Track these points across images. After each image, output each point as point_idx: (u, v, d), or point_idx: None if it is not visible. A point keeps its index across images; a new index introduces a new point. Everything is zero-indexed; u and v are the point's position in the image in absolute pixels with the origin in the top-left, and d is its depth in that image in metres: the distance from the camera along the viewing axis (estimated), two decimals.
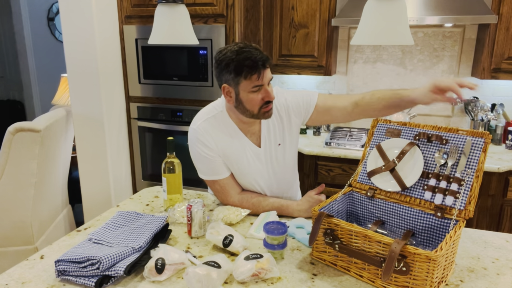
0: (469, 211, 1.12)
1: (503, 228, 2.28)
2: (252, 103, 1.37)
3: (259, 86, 1.34)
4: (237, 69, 1.32)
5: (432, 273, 0.97)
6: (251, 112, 1.39)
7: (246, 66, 1.30)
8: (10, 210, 2.27)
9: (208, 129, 1.46)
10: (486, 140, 1.15)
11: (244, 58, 1.30)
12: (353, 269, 1.12)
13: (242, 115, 1.43)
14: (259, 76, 1.32)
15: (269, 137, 1.51)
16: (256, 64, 1.30)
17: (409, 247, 0.99)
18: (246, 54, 1.31)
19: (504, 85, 2.63)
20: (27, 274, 1.13)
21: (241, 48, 1.33)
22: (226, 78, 1.36)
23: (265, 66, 1.33)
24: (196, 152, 1.48)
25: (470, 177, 1.14)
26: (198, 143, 1.46)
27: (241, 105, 1.39)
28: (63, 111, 2.59)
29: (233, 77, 1.34)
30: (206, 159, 1.48)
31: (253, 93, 1.35)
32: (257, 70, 1.31)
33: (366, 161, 1.35)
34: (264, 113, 1.40)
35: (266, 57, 1.33)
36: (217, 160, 1.48)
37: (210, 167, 1.50)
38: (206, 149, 1.46)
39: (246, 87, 1.34)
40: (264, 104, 1.38)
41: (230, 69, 1.33)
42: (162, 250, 1.15)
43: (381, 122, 1.37)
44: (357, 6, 2.44)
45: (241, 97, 1.37)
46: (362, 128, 2.90)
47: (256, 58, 1.30)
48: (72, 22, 2.43)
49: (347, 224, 1.10)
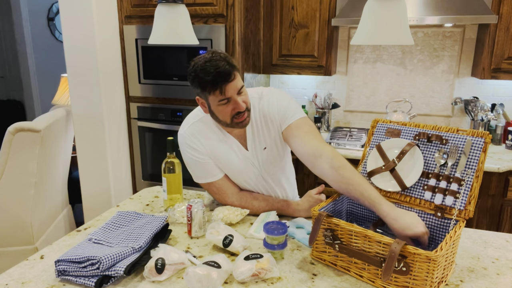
0: (469, 211, 1.12)
1: (503, 228, 2.28)
2: (223, 115, 1.35)
3: (226, 99, 1.31)
4: (201, 85, 1.30)
5: (432, 273, 0.97)
6: (224, 122, 1.38)
7: (207, 82, 1.28)
8: (10, 210, 2.27)
9: (195, 132, 1.45)
10: (486, 140, 1.15)
11: (205, 74, 1.27)
12: (353, 269, 1.12)
13: (219, 123, 1.42)
14: (221, 92, 1.29)
15: (254, 140, 1.48)
16: (216, 81, 1.27)
17: (409, 247, 0.99)
18: (209, 69, 1.27)
19: (504, 85, 2.63)
20: (27, 274, 1.13)
21: (205, 61, 1.28)
22: (197, 92, 1.36)
23: (227, 80, 1.28)
24: (187, 157, 1.48)
25: (470, 177, 1.14)
26: (187, 148, 1.46)
27: (214, 115, 1.38)
28: (63, 111, 2.59)
29: (200, 92, 1.34)
30: (198, 163, 1.47)
31: (222, 105, 1.33)
32: (218, 86, 1.28)
33: (366, 161, 1.35)
34: (238, 123, 1.37)
35: (228, 71, 1.27)
36: (208, 162, 1.47)
37: (203, 170, 1.48)
38: (196, 152, 1.45)
39: (213, 101, 1.33)
40: (236, 115, 1.34)
41: (196, 84, 1.32)
42: (162, 250, 1.15)
43: (381, 122, 1.37)
44: (357, 6, 2.44)
45: (212, 109, 1.36)
46: (362, 128, 2.90)
47: (216, 74, 1.26)
48: (72, 22, 2.43)
49: (347, 224, 1.10)
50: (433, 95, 2.78)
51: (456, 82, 2.72)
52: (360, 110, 2.95)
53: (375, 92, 2.90)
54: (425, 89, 2.79)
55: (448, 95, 2.75)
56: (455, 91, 2.73)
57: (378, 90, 2.89)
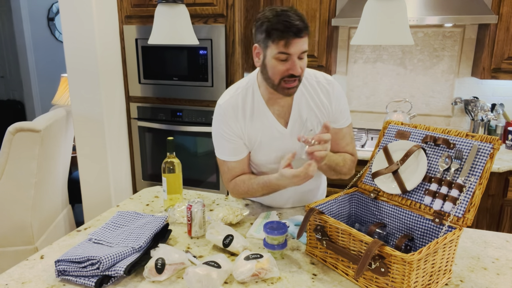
0: (467, 219, 1.07)
1: (503, 228, 2.28)
2: (274, 71, 1.27)
3: (286, 55, 1.23)
4: (268, 31, 1.22)
5: (408, 276, 0.96)
6: (272, 80, 1.29)
7: (276, 29, 1.20)
8: (10, 210, 2.27)
9: (234, 105, 1.39)
10: (495, 146, 1.08)
11: (278, 21, 1.20)
12: (340, 267, 1.13)
13: (265, 82, 1.34)
14: (286, 43, 1.21)
15: (300, 119, 1.41)
16: (288, 30, 1.19)
17: (387, 248, 0.98)
18: (282, 18, 1.20)
19: (504, 85, 2.63)
20: (27, 274, 1.13)
21: (283, 10, 1.22)
22: (258, 38, 1.28)
23: (299, 36, 1.21)
24: (216, 130, 1.43)
25: (473, 184, 1.09)
26: (220, 122, 1.41)
27: (265, 70, 1.30)
28: (63, 111, 2.59)
29: (263, 38, 1.25)
30: (224, 139, 1.42)
31: (279, 60, 1.25)
32: (286, 36, 1.20)
33: (373, 162, 1.34)
34: (284, 88, 1.29)
35: (303, 26, 1.21)
36: (235, 141, 1.41)
37: (226, 147, 1.43)
38: (227, 129, 1.40)
39: (272, 51, 1.24)
40: (287, 77, 1.26)
41: (263, 29, 1.24)
42: (162, 250, 1.15)
43: (393, 123, 1.35)
44: (357, 6, 2.44)
45: (266, 61, 1.28)
46: (362, 128, 2.90)
47: (290, 24, 1.19)
48: (72, 22, 2.43)
49: (334, 222, 1.11)
50: (433, 95, 2.78)
51: (456, 82, 2.72)
52: (360, 110, 2.95)
53: (375, 92, 2.90)
54: (425, 89, 2.79)
55: (448, 95, 2.75)
56: (455, 91, 2.73)
57: (378, 90, 2.89)
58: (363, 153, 2.39)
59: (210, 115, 2.56)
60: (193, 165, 2.68)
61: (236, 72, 2.46)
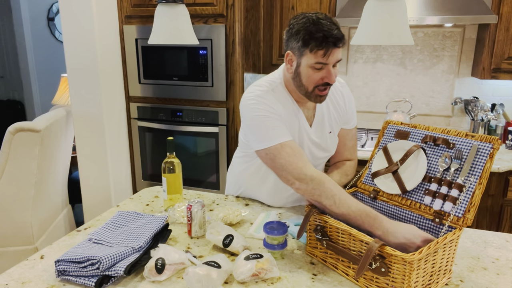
0: (467, 219, 1.07)
1: (503, 228, 2.28)
2: (309, 80, 1.27)
3: (323, 64, 1.24)
4: (305, 40, 1.21)
5: (409, 276, 0.96)
6: (305, 88, 1.29)
7: (315, 38, 1.20)
8: (10, 210, 2.27)
9: (268, 96, 1.34)
10: (495, 146, 1.09)
11: (316, 30, 1.20)
12: (340, 267, 1.13)
13: (296, 89, 1.33)
14: (325, 53, 1.21)
15: (322, 120, 1.42)
16: (327, 39, 1.19)
17: (387, 248, 0.98)
18: (321, 27, 1.20)
19: (504, 85, 2.62)
20: (27, 274, 1.13)
21: (319, 18, 1.21)
22: (292, 46, 1.27)
23: (337, 45, 1.22)
24: (258, 115, 1.30)
25: (473, 184, 1.09)
26: (260, 103, 1.30)
27: (298, 77, 1.29)
28: (63, 111, 2.59)
29: (299, 47, 1.24)
30: (271, 119, 1.29)
31: (314, 69, 1.25)
32: (326, 46, 1.20)
33: (372, 162, 1.34)
34: (317, 96, 1.30)
35: (341, 36, 1.21)
36: (282, 122, 1.32)
37: (276, 128, 1.29)
38: (271, 109, 1.31)
39: (308, 60, 1.24)
40: (321, 85, 1.28)
41: (299, 37, 1.23)
42: (162, 250, 1.15)
43: (392, 123, 1.36)
44: (357, 6, 2.44)
45: (300, 69, 1.28)
46: (362, 128, 2.90)
47: (329, 34, 1.19)
48: (72, 22, 2.43)
49: (334, 222, 1.11)
50: (433, 95, 2.78)
51: (456, 82, 2.72)
52: (360, 110, 2.95)
53: (375, 92, 2.90)
54: (425, 89, 2.79)
55: (448, 95, 2.75)
56: (455, 91, 2.73)
57: (378, 90, 2.89)
58: (363, 153, 2.39)
59: (210, 115, 2.57)
60: (193, 165, 2.68)
61: (236, 72, 2.46)
